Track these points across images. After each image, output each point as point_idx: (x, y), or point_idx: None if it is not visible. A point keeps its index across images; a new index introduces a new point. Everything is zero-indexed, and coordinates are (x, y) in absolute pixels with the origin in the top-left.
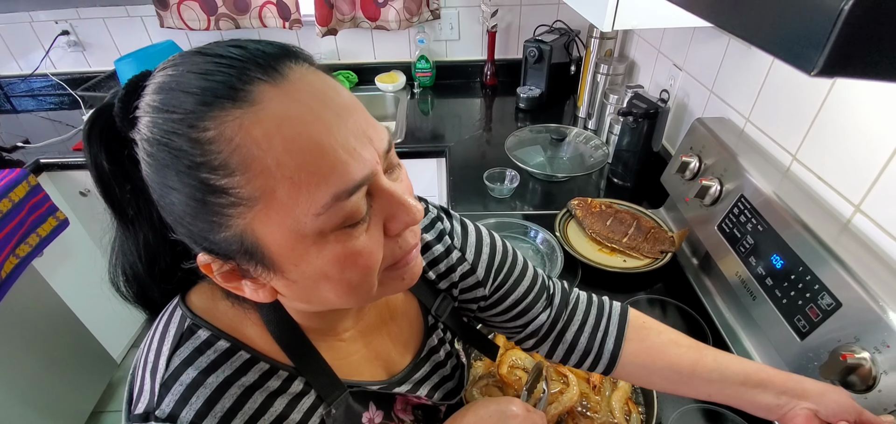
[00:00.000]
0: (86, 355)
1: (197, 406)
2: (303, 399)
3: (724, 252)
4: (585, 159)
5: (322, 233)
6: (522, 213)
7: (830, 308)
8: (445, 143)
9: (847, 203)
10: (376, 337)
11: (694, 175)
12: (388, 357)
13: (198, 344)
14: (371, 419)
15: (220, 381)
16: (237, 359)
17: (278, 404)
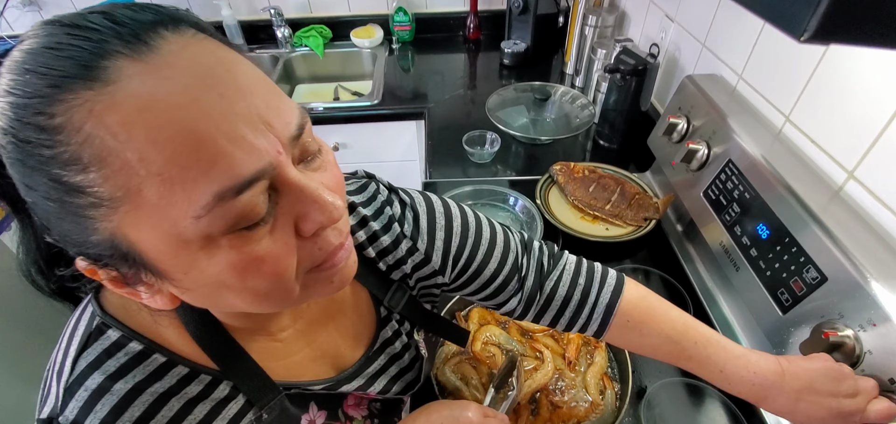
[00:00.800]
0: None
1: (102, 414)
2: (229, 405)
3: (709, 219)
4: (571, 120)
5: (210, 238)
6: (502, 179)
7: (815, 281)
8: (426, 104)
9: (840, 168)
10: (322, 332)
11: (681, 137)
12: (336, 353)
13: (107, 345)
14: (311, 421)
15: (129, 387)
16: (151, 363)
17: (199, 411)
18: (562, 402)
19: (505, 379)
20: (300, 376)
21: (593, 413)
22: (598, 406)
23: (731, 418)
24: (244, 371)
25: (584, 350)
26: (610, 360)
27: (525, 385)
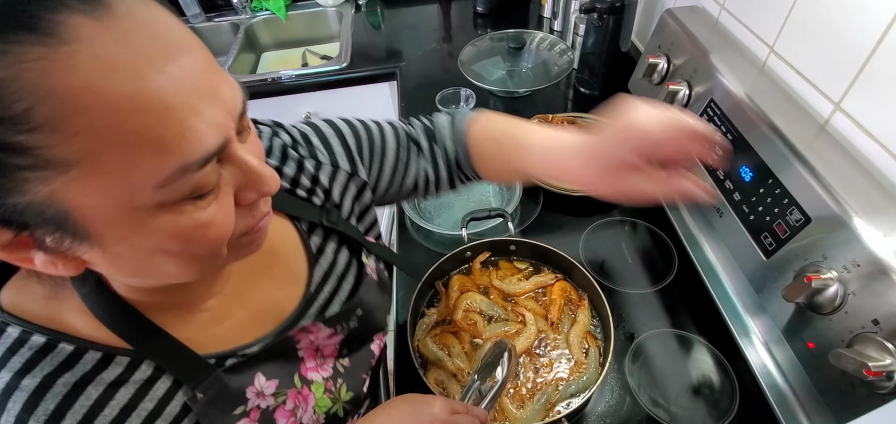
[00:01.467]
0: None
1: (14, 411)
2: (155, 385)
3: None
4: (549, 68)
5: (163, 205)
6: None
7: (799, 223)
8: (399, 63)
9: (826, 100)
10: (254, 290)
11: (662, 78)
12: (274, 306)
13: (9, 343)
14: (259, 392)
15: (38, 382)
16: (58, 354)
17: (122, 395)
18: (545, 365)
19: (489, 369)
20: (237, 342)
21: (577, 373)
22: (581, 364)
23: (716, 363)
24: (165, 350)
25: (566, 310)
26: (593, 316)
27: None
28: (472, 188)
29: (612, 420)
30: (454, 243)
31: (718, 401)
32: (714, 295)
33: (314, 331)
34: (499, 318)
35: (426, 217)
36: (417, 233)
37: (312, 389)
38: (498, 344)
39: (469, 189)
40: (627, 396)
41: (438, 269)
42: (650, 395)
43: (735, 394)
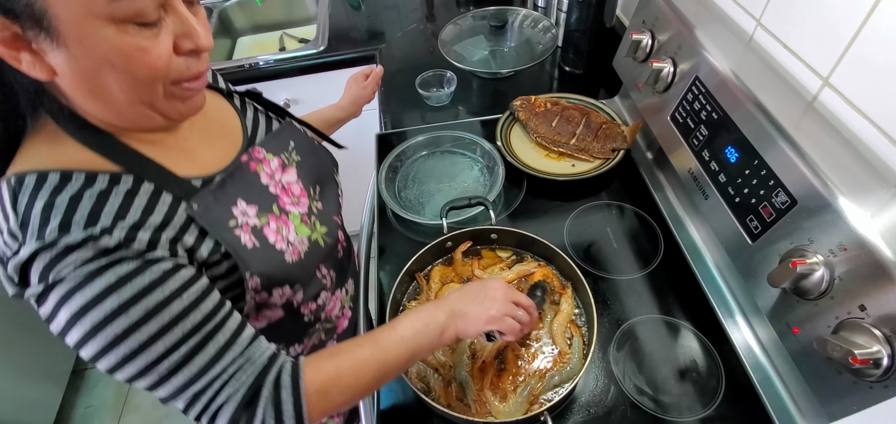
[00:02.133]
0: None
1: (58, 218)
2: (161, 196)
3: (677, 144)
4: (533, 46)
5: (112, 18)
6: (461, 122)
7: (785, 206)
8: (379, 44)
9: (814, 76)
10: (209, 142)
11: (646, 55)
12: (225, 151)
13: (31, 184)
14: (244, 212)
15: (69, 196)
16: (76, 181)
17: (138, 202)
18: (529, 354)
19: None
20: (206, 172)
21: (561, 363)
22: (565, 354)
23: (702, 347)
24: (156, 172)
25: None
26: (577, 305)
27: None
28: (456, 178)
29: (596, 410)
30: (437, 233)
31: (704, 386)
32: (700, 280)
33: (258, 154)
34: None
35: (409, 207)
36: (399, 224)
37: (290, 218)
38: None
39: (453, 178)
40: (612, 385)
41: (419, 261)
42: (635, 383)
43: (721, 379)
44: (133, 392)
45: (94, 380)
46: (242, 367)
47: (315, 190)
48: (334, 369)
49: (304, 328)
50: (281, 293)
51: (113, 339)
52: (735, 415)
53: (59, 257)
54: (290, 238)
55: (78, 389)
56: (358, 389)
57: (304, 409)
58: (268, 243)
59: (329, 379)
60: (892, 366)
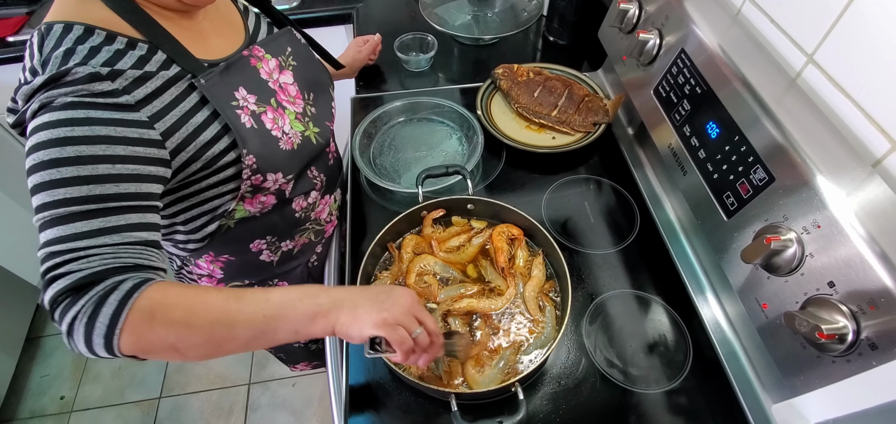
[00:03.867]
0: (2, 288)
1: (81, 55)
2: (171, 68)
3: (659, 119)
4: (518, 14)
5: None
6: (440, 89)
7: (762, 182)
8: (355, 4)
9: (799, 52)
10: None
11: (632, 26)
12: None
13: (58, 32)
14: (245, 98)
15: (89, 47)
16: (97, 36)
17: (152, 65)
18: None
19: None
20: (215, 56)
21: (535, 332)
22: (538, 322)
23: (672, 322)
24: (171, 44)
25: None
26: (550, 275)
27: (462, 302)
28: (434, 146)
29: (567, 381)
30: (412, 202)
31: (672, 360)
32: (673, 256)
33: (258, 52)
34: (454, 281)
35: (384, 175)
36: (374, 193)
37: (286, 113)
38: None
39: (430, 147)
40: (583, 357)
41: (392, 230)
42: (606, 356)
43: (689, 353)
44: (92, 362)
45: (49, 348)
46: (102, 255)
47: (309, 95)
48: (174, 297)
49: (296, 223)
50: (274, 178)
51: (40, 163)
52: (700, 388)
53: (61, 85)
54: (285, 128)
55: (33, 357)
56: (188, 326)
57: (121, 322)
58: (265, 128)
59: (162, 304)
60: (856, 342)
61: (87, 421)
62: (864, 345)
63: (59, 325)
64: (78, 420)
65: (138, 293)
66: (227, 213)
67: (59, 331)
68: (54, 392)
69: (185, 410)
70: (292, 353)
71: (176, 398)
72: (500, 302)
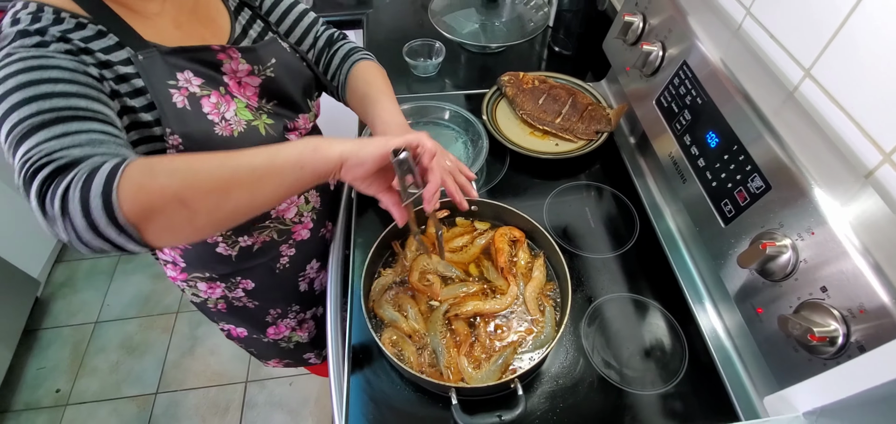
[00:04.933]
0: (2, 279)
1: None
2: (105, 38)
3: (660, 129)
4: (525, 24)
5: None
6: (446, 94)
7: (759, 191)
8: (367, 9)
9: (797, 66)
10: (186, 24)
11: (637, 38)
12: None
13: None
14: (188, 80)
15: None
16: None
17: (85, 32)
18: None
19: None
20: (169, 43)
21: (534, 332)
22: (538, 322)
23: (668, 326)
24: (115, 24)
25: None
26: (550, 277)
27: (468, 304)
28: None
29: (564, 380)
30: (417, 202)
31: (668, 363)
32: (671, 261)
33: (233, 57)
34: (457, 280)
35: None
36: None
37: (234, 101)
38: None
39: None
40: (581, 358)
41: (395, 229)
42: (603, 357)
43: (684, 357)
44: (88, 355)
45: (46, 341)
46: (80, 145)
47: (270, 103)
48: (164, 159)
49: (257, 218)
50: None
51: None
52: (695, 391)
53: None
54: (226, 115)
55: (30, 348)
56: (192, 171)
57: (118, 178)
58: (201, 110)
59: (158, 160)
60: (846, 344)
61: (82, 415)
62: (853, 348)
63: (51, 208)
64: (73, 413)
65: (129, 161)
66: None
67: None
68: (50, 384)
69: (182, 406)
70: (263, 349)
71: (172, 394)
72: (504, 302)
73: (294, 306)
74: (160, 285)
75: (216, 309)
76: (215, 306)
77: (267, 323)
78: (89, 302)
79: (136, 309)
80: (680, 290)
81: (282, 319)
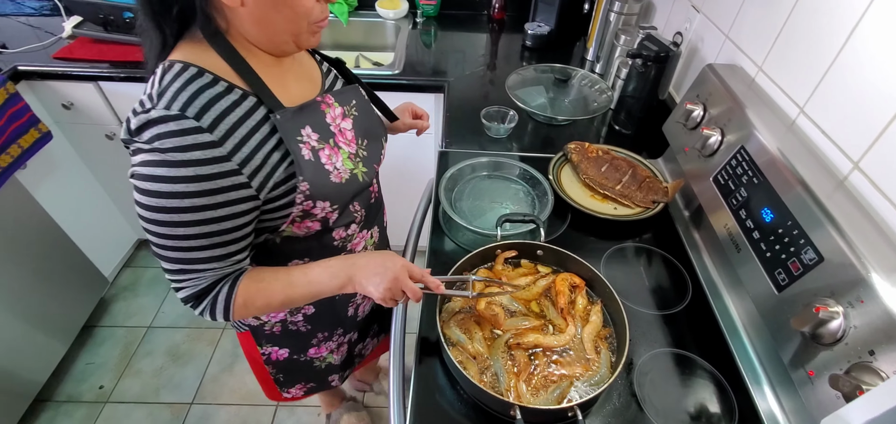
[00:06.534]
0: (75, 270)
1: (183, 99)
2: (258, 110)
3: (717, 204)
4: (588, 103)
5: None
6: (517, 154)
7: (812, 262)
8: (446, 78)
9: (846, 159)
10: (299, 80)
11: (696, 124)
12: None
13: (177, 68)
14: (309, 135)
15: (198, 85)
16: (205, 78)
17: (242, 108)
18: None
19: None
20: (293, 103)
21: (589, 371)
22: (593, 362)
23: (715, 385)
24: (263, 91)
25: (576, 301)
26: (607, 323)
27: (530, 336)
28: (507, 200)
29: (614, 421)
30: (481, 245)
31: None
32: (721, 324)
33: (330, 104)
34: (519, 313)
35: (462, 217)
36: (451, 230)
37: (340, 152)
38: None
39: (505, 200)
40: (632, 403)
41: (467, 262)
42: (655, 407)
43: (734, 419)
44: (136, 357)
45: (101, 338)
46: (219, 271)
47: (363, 141)
48: (254, 292)
49: (331, 251)
50: (322, 206)
51: (149, 205)
52: None
53: (168, 131)
54: (337, 165)
55: (84, 343)
56: (269, 307)
57: (231, 310)
58: (320, 162)
59: (249, 297)
60: None
61: (119, 414)
62: None
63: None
64: (110, 411)
65: (234, 293)
66: (276, 231)
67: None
68: (95, 380)
69: (213, 420)
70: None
71: (206, 406)
72: (562, 339)
73: (339, 329)
74: None
75: (269, 332)
76: (271, 329)
77: (311, 344)
78: (146, 308)
79: (186, 320)
80: (730, 354)
81: (325, 342)
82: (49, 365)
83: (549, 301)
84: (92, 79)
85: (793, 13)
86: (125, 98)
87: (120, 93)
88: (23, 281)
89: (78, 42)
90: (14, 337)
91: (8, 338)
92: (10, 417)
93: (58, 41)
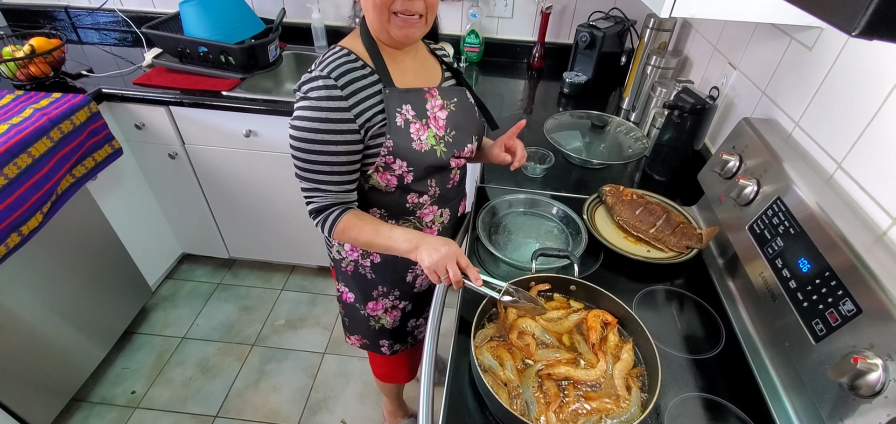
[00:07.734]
0: (123, 278)
1: (329, 67)
2: (377, 83)
3: (753, 253)
4: (623, 149)
5: None
6: (553, 194)
7: (850, 314)
8: None
9: (886, 215)
10: (418, 73)
11: (732, 174)
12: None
13: (335, 50)
14: (407, 110)
15: (343, 59)
16: (350, 56)
17: (366, 80)
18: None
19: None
20: (403, 86)
21: (619, 409)
22: (624, 399)
23: None
24: (382, 69)
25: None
26: (639, 363)
27: (561, 368)
28: (543, 237)
29: None
30: (515, 276)
31: None
32: (755, 373)
33: (434, 94)
34: (551, 345)
35: (498, 248)
36: (487, 260)
37: (428, 130)
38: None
39: (539, 236)
40: None
41: None
42: None
43: None
44: (168, 366)
45: (138, 345)
46: (336, 195)
47: (451, 130)
48: (351, 225)
49: (403, 211)
50: (400, 164)
51: (300, 139)
52: None
53: (317, 86)
54: (422, 138)
55: (122, 348)
56: (357, 241)
57: (334, 229)
58: (409, 131)
59: (347, 226)
60: None
61: (147, 421)
62: None
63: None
64: (140, 416)
65: (341, 217)
66: (366, 176)
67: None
68: (128, 385)
69: None
70: (356, 318)
71: (230, 420)
72: (593, 374)
73: (396, 291)
74: (245, 317)
75: (345, 269)
76: (346, 267)
77: (371, 297)
78: (182, 318)
79: (219, 334)
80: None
81: (383, 298)
82: (89, 367)
83: (580, 335)
84: (164, 104)
85: (830, 73)
86: (190, 122)
87: (187, 116)
88: (78, 283)
89: (155, 70)
90: (63, 335)
91: (58, 337)
92: (47, 414)
93: (137, 69)
